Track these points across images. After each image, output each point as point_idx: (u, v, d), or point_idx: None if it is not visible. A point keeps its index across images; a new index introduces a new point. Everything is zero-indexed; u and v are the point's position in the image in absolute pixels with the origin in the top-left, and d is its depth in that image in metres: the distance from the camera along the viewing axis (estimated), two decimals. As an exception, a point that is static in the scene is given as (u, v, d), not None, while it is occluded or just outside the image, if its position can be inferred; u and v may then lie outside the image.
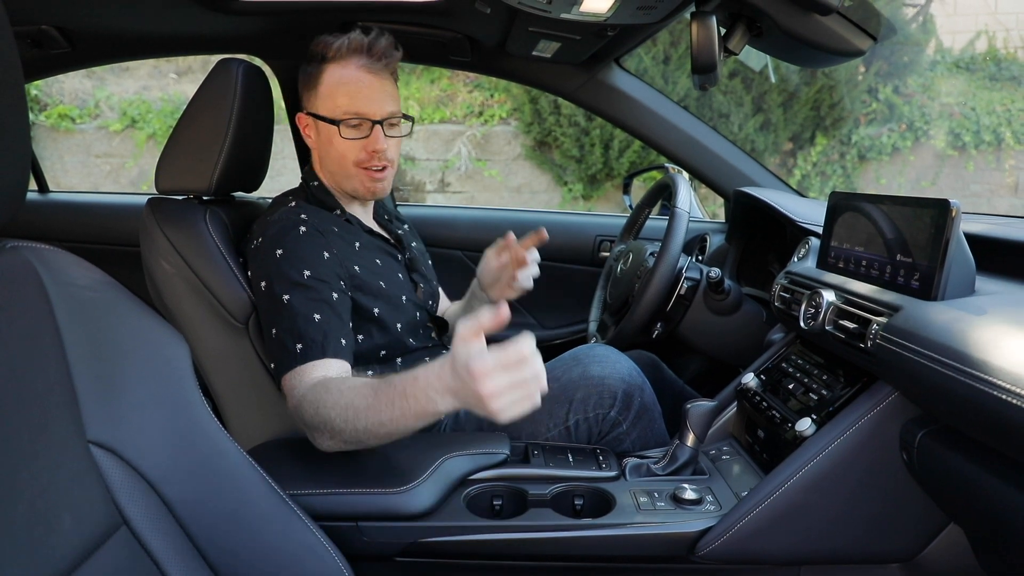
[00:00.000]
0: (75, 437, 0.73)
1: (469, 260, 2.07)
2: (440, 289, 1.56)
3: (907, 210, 0.98)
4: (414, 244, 1.47)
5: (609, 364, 1.26)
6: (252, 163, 1.37)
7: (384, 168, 1.27)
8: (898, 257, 0.99)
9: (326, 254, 1.17)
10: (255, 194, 1.50)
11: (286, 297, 1.11)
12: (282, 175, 4.68)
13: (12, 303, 0.71)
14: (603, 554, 1.00)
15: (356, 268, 1.22)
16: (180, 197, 1.32)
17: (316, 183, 1.32)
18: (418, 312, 1.31)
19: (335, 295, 1.15)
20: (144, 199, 1.34)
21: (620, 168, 5.34)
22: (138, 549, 0.75)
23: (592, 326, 1.71)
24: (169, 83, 6.03)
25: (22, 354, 0.70)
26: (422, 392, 0.90)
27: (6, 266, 0.72)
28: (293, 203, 1.27)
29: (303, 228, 1.18)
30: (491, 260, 1.41)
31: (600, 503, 1.04)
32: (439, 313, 1.52)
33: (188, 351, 0.88)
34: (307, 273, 1.13)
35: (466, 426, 1.28)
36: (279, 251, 1.15)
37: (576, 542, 0.99)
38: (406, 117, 1.30)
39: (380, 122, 1.24)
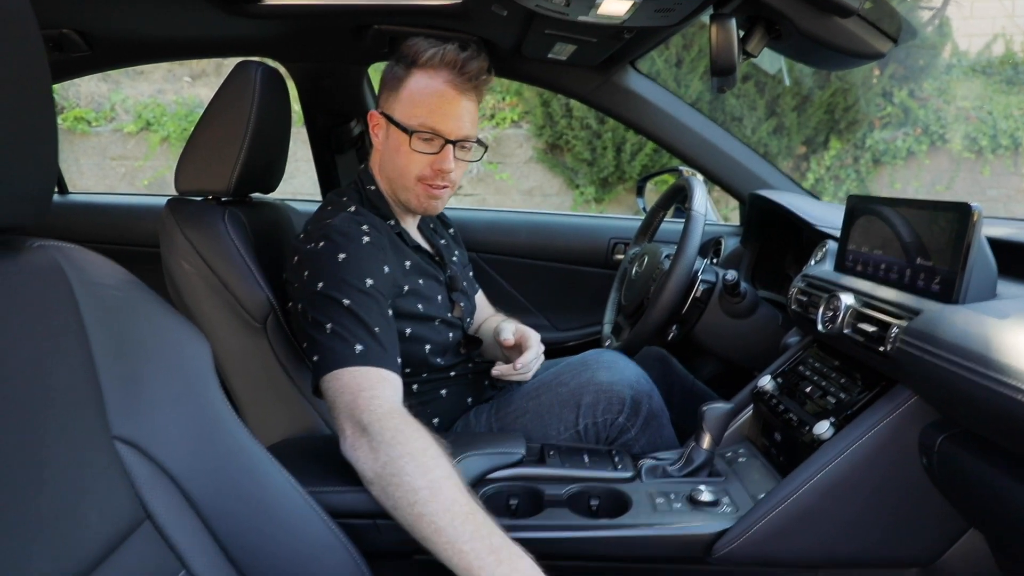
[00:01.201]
0: (100, 433, 0.74)
1: (484, 262, 2.08)
2: (480, 295, 1.54)
3: (927, 214, 0.98)
4: (456, 256, 1.44)
5: (617, 370, 1.26)
6: (270, 164, 1.38)
7: (444, 188, 1.23)
8: (918, 261, 0.99)
9: (386, 268, 1.15)
10: (272, 195, 1.51)
11: (347, 301, 1.07)
12: (295, 177, 4.72)
13: (39, 301, 0.72)
14: (619, 554, 1.00)
15: (405, 288, 1.20)
16: (199, 198, 1.33)
17: (373, 188, 1.28)
18: (451, 332, 1.30)
19: (390, 311, 1.12)
20: (162, 200, 1.35)
21: (632, 171, 5.34)
22: (161, 543, 0.76)
23: (607, 328, 1.71)
24: (183, 87, 6.08)
25: (49, 351, 0.71)
26: (507, 563, 0.82)
27: (33, 265, 0.73)
28: (353, 208, 1.23)
29: (367, 238, 1.14)
30: (497, 337, 1.36)
31: (616, 504, 1.04)
32: (478, 319, 1.50)
33: (209, 350, 0.89)
34: (369, 282, 1.10)
35: (476, 428, 1.28)
36: (342, 255, 1.11)
37: (592, 542, 0.99)
38: (480, 143, 1.26)
39: (453, 142, 1.20)
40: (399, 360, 1.07)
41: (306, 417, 1.24)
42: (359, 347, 1.03)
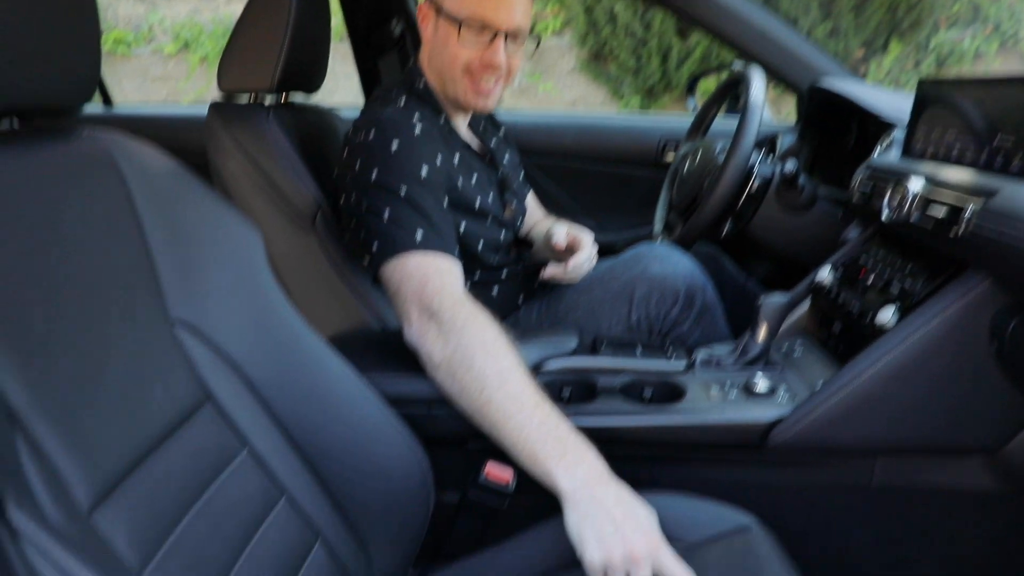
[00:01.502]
0: (159, 316, 0.76)
1: (530, 165, 2.04)
2: (531, 197, 1.51)
3: (1007, 90, 0.91)
4: (507, 157, 1.40)
5: (670, 263, 1.24)
6: (312, 62, 1.36)
7: (497, 82, 1.18)
8: (996, 140, 0.93)
9: (439, 159, 1.12)
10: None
11: (403, 190, 1.05)
12: (334, 94, 4.66)
13: (92, 187, 0.73)
14: (673, 440, 0.99)
15: (458, 182, 1.18)
16: (243, 102, 1.32)
17: (422, 83, 1.23)
18: (503, 231, 1.28)
19: (445, 203, 1.10)
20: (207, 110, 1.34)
21: (679, 79, 5.14)
22: (223, 423, 0.78)
23: (658, 226, 1.67)
24: (219, 5, 6.01)
25: (104, 236, 0.72)
26: (573, 452, 0.83)
27: (85, 152, 0.74)
28: (403, 101, 1.20)
29: (418, 128, 1.11)
30: (549, 241, 1.33)
31: (670, 393, 1.04)
32: (529, 222, 1.48)
33: (260, 239, 0.90)
34: (424, 172, 1.07)
35: (524, 325, 1.28)
36: (394, 145, 1.08)
37: (646, 430, 0.99)
38: (532, 35, 1.20)
39: (504, 35, 1.14)
40: (457, 250, 1.06)
41: (357, 314, 1.25)
42: (420, 233, 1.01)
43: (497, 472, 0.96)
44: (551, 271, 1.25)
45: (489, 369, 0.89)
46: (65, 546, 0.46)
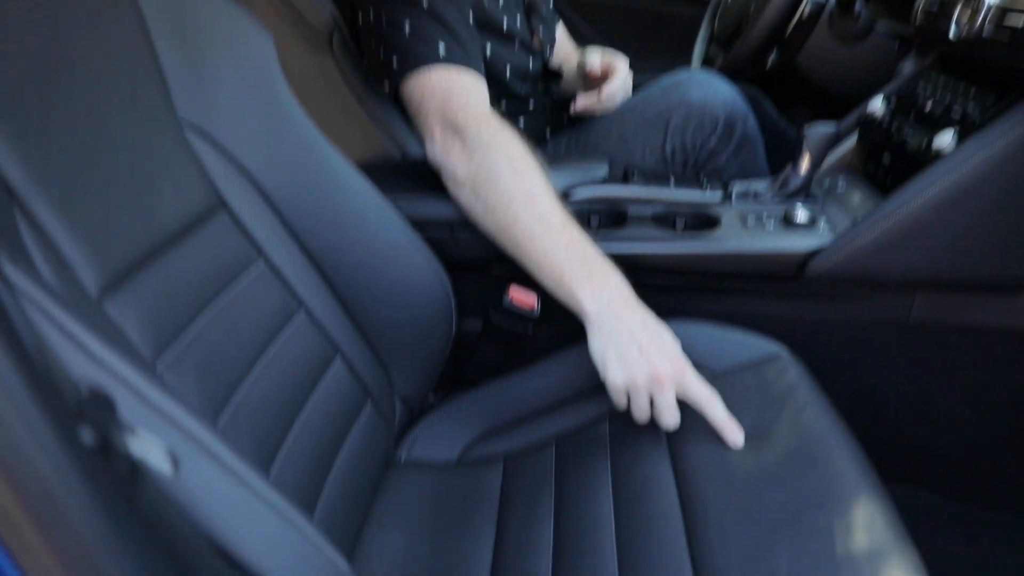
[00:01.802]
0: (167, 115, 0.71)
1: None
2: (561, 28, 1.42)
3: None
4: None
5: (711, 89, 1.15)
6: None
7: None
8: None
9: None
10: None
11: (425, 2, 0.98)
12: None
13: None
14: (705, 270, 0.96)
15: (484, 0, 1.09)
16: None
17: None
18: (531, 59, 1.20)
19: (470, 19, 1.02)
20: None
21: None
22: (238, 232, 0.75)
23: (696, 63, 1.56)
24: None
25: (103, 25, 0.66)
26: (600, 275, 0.80)
27: None
28: None
29: None
30: (583, 67, 1.24)
31: (703, 223, 0.99)
32: (559, 56, 1.39)
33: (272, 44, 0.84)
34: None
35: (552, 156, 1.22)
36: None
37: (677, 258, 0.95)
38: None
39: None
40: (481, 69, 0.99)
41: (376, 142, 1.20)
42: (443, 47, 0.95)
43: (521, 296, 0.94)
44: (583, 102, 1.18)
45: (516, 187, 0.84)
46: (71, 312, 0.43)
